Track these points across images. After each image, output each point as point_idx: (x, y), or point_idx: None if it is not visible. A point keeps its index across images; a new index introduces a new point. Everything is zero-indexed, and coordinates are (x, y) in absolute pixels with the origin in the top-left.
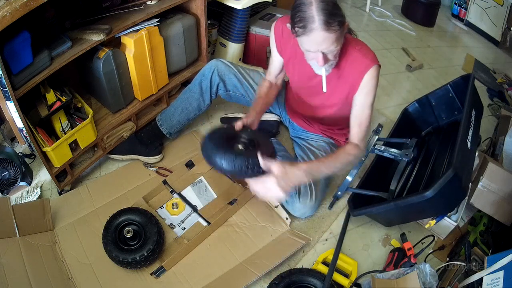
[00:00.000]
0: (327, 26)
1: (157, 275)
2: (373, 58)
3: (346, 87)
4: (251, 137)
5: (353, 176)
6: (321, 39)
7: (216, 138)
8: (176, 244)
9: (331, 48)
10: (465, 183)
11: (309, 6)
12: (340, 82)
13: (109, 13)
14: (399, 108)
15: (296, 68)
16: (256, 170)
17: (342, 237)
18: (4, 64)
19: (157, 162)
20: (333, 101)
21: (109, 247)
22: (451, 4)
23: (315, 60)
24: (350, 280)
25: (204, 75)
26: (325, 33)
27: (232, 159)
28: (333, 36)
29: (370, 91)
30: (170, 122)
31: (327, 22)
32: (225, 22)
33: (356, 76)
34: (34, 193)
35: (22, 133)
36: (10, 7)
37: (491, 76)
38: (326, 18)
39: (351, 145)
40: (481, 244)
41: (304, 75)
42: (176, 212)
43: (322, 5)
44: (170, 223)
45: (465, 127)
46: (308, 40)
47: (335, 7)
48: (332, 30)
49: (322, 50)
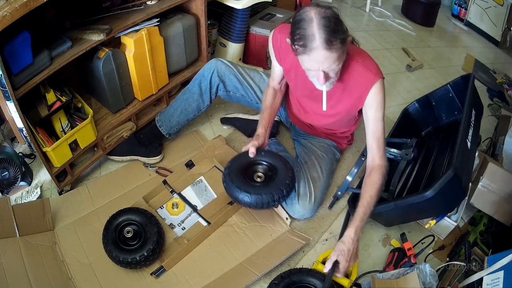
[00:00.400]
0: (328, 44)
1: (157, 275)
2: (377, 72)
3: (350, 100)
4: (268, 162)
5: (353, 176)
6: (323, 58)
7: (234, 174)
8: (176, 244)
9: (333, 67)
10: (465, 183)
11: (309, 23)
12: (344, 95)
13: (109, 13)
14: (399, 108)
15: (298, 78)
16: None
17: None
18: (4, 64)
19: (157, 163)
20: (337, 111)
21: (109, 247)
22: (451, 4)
23: (316, 78)
24: (350, 280)
25: (204, 76)
26: (326, 52)
27: (258, 197)
28: (335, 54)
29: (380, 104)
30: (169, 123)
31: (329, 40)
32: (225, 22)
33: (362, 91)
34: (34, 193)
35: (22, 133)
36: (10, 7)
37: (491, 76)
38: (328, 36)
39: (375, 171)
40: (481, 244)
41: (306, 85)
42: (176, 212)
43: (323, 21)
44: (170, 223)
45: (465, 127)
46: (309, 59)
47: (337, 23)
48: (334, 48)
49: (324, 69)
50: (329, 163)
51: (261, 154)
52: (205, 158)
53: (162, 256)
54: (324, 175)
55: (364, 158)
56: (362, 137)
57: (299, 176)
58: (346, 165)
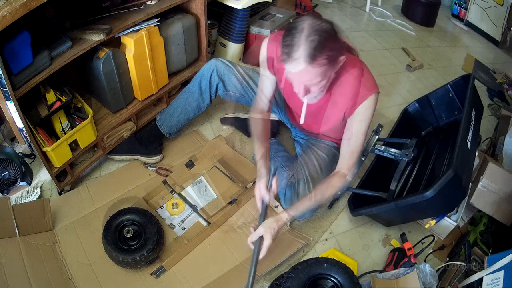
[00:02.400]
0: (311, 59)
1: (157, 275)
2: (371, 87)
3: (341, 114)
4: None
5: (353, 176)
6: (303, 72)
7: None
8: (176, 244)
9: (314, 82)
10: (465, 183)
11: (299, 32)
12: (335, 109)
13: (109, 13)
14: (399, 108)
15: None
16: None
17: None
18: (4, 64)
19: (157, 162)
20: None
21: (109, 247)
22: (451, 4)
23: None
24: None
25: (204, 75)
26: (307, 67)
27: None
28: (317, 70)
29: (366, 118)
30: (169, 122)
31: (312, 55)
32: (225, 22)
33: (352, 104)
34: (34, 193)
35: (22, 133)
36: (10, 7)
37: (491, 76)
38: (312, 51)
39: (338, 176)
40: (481, 244)
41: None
42: (176, 212)
43: (313, 33)
44: (170, 223)
45: (465, 127)
46: (289, 68)
47: (329, 39)
48: (317, 64)
49: (304, 83)
50: (329, 163)
51: (323, 266)
52: (205, 158)
53: (162, 256)
54: (324, 175)
55: (364, 158)
56: None
57: (298, 176)
58: None
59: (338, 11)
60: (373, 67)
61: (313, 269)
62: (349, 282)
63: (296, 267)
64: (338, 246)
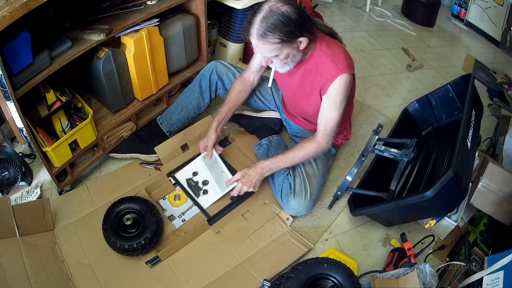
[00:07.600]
0: (262, 36)
1: (153, 264)
2: (343, 67)
3: (317, 92)
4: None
5: (353, 176)
6: (257, 46)
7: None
8: (173, 236)
9: (270, 55)
10: (465, 183)
11: (259, 12)
12: (314, 86)
13: (109, 13)
14: (399, 108)
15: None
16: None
17: None
18: (4, 64)
19: (156, 160)
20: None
21: (108, 233)
22: (451, 4)
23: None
24: None
25: (204, 75)
26: (258, 42)
27: None
28: (269, 47)
29: (336, 97)
30: (170, 120)
31: (263, 33)
32: (225, 22)
33: (323, 82)
34: (34, 193)
35: (22, 133)
36: (10, 7)
37: (491, 76)
38: (263, 30)
39: (312, 142)
40: (481, 244)
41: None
42: (178, 204)
43: (268, 15)
44: (170, 214)
45: (465, 127)
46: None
47: (284, 20)
48: (268, 42)
49: (261, 54)
50: (324, 159)
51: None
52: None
53: (158, 246)
54: (319, 171)
55: (364, 158)
56: (362, 136)
57: (294, 173)
58: (345, 165)
59: (338, 11)
60: (373, 67)
61: (313, 269)
62: (349, 282)
63: (296, 267)
64: (338, 246)
